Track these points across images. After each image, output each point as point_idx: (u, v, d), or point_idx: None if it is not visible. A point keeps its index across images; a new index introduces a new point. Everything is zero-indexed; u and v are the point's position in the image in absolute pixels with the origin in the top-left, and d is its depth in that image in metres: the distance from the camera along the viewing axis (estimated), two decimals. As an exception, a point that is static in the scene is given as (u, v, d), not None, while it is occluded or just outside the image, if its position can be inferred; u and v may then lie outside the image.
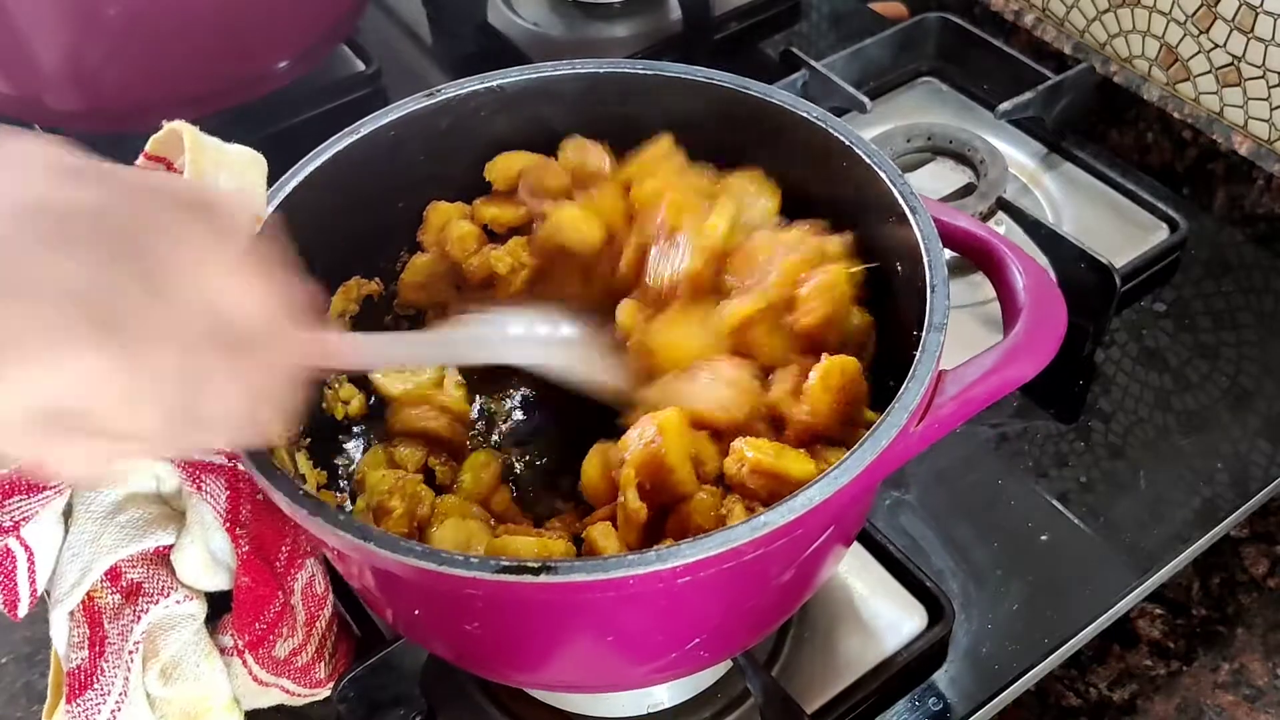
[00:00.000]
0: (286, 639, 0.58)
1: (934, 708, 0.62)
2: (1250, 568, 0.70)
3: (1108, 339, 0.79)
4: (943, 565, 0.67)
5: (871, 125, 0.93)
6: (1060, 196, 0.89)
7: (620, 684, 0.58)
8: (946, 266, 0.52)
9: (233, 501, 0.58)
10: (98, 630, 0.56)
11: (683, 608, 0.49)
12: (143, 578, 0.57)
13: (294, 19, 0.96)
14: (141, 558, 0.57)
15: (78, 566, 0.56)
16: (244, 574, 0.57)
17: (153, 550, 0.57)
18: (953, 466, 0.72)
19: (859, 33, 1.01)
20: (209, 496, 0.57)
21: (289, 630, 0.58)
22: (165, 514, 0.59)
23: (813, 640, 0.64)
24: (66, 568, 0.56)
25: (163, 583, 0.57)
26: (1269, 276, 0.82)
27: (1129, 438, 0.74)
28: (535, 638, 0.49)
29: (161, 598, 0.56)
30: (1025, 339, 0.51)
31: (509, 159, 0.63)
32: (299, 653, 0.59)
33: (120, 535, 0.57)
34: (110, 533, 0.57)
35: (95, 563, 0.56)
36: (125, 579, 0.56)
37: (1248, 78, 0.86)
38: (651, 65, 0.62)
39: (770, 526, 0.43)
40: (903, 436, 0.46)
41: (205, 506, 0.57)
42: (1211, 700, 0.64)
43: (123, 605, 0.56)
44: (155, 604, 0.56)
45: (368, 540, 0.44)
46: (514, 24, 1.10)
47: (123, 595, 0.56)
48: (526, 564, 0.42)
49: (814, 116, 0.59)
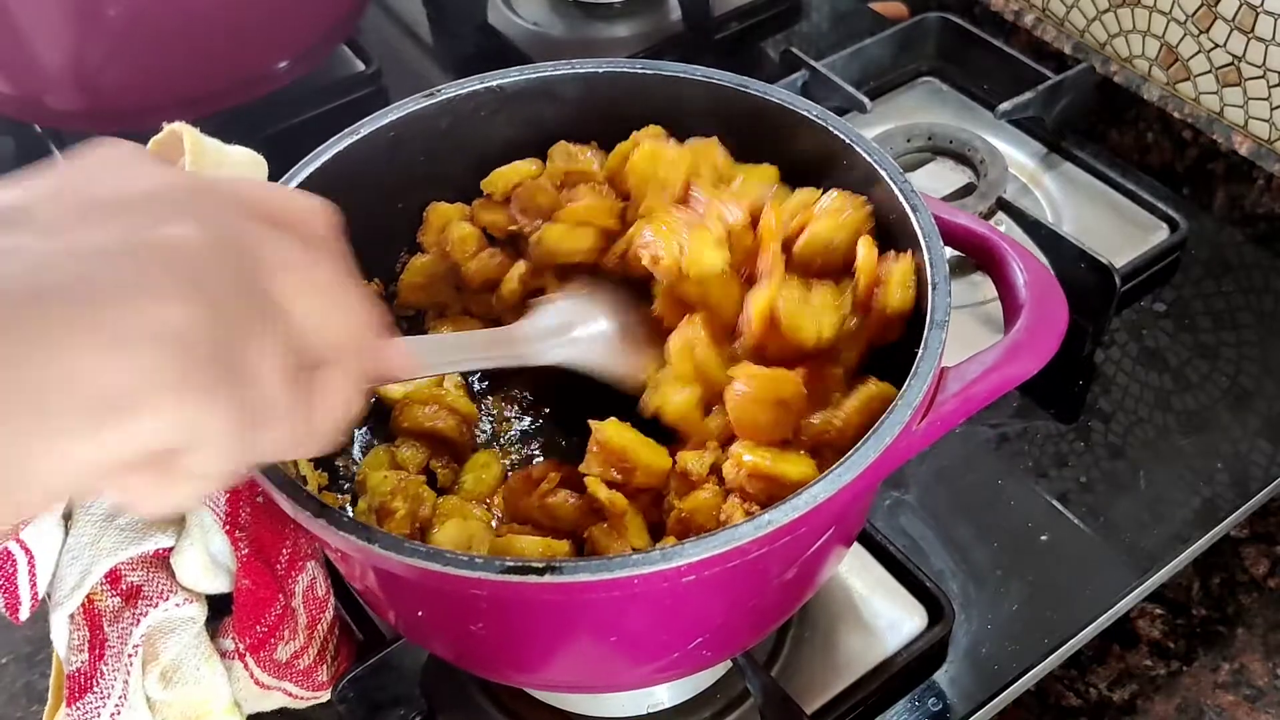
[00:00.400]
0: (288, 642, 0.58)
1: (934, 708, 0.62)
2: (1250, 568, 0.70)
3: (1108, 339, 0.79)
4: (943, 565, 0.67)
5: (871, 125, 0.93)
6: (1060, 196, 0.89)
7: (623, 684, 0.58)
8: (948, 265, 0.52)
9: (232, 505, 0.58)
10: (98, 633, 0.56)
11: (686, 607, 0.49)
12: (142, 580, 0.56)
13: (294, 19, 0.96)
14: (141, 560, 0.57)
15: (78, 569, 0.56)
16: (244, 576, 0.57)
17: (152, 553, 0.57)
18: (953, 466, 0.72)
19: (859, 33, 1.01)
20: (208, 500, 0.57)
21: (290, 633, 0.58)
22: (164, 517, 0.59)
23: (812, 640, 0.64)
24: (66, 570, 0.56)
25: (162, 585, 0.57)
26: (1269, 276, 0.82)
27: (1129, 438, 0.74)
28: (539, 638, 0.49)
29: (161, 600, 0.56)
30: (1026, 335, 0.51)
31: (505, 173, 0.63)
32: (301, 655, 0.59)
33: (120, 538, 0.57)
34: (110, 535, 0.57)
35: (95, 565, 0.56)
36: (125, 582, 0.56)
37: (1248, 77, 0.86)
38: (651, 65, 0.62)
39: (774, 525, 0.43)
40: (905, 434, 0.46)
41: (205, 509, 0.57)
42: (1211, 700, 0.64)
43: (122, 608, 0.56)
44: (154, 607, 0.56)
45: (372, 542, 0.44)
46: (514, 24, 1.10)
47: (122, 598, 0.56)
48: (531, 564, 0.42)
49: (814, 115, 0.59)
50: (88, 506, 0.57)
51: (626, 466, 0.53)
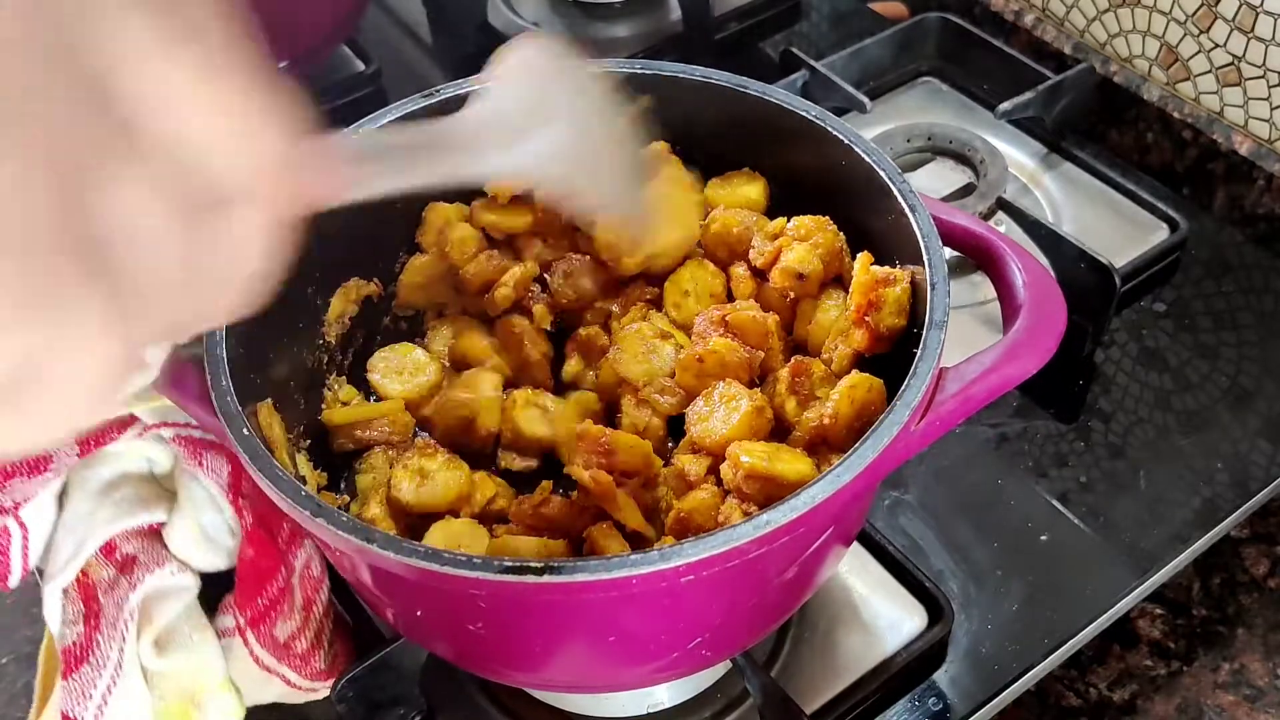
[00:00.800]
0: (287, 618, 0.58)
1: (934, 708, 0.62)
2: (1250, 568, 0.70)
3: (1108, 339, 0.79)
4: (942, 565, 0.67)
5: (871, 125, 0.93)
6: (1060, 196, 0.89)
7: (622, 684, 0.58)
8: (946, 265, 0.52)
9: (235, 475, 0.58)
10: (92, 604, 0.56)
11: (685, 607, 0.49)
12: (137, 550, 0.57)
13: (294, 19, 0.96)
14: (136, 532, 0.58)
15: (73, 541, 0.56)
16: (248, 546, 0.57)
17: (146, 526, 0.58)
18: (952, 466, 0.72)
19: (859, 33, 1.01)
20: (210, 471, 0.58)
21: (289, 609, 0.58)
22: (158, 493, 0.60)
23: (812, 640, 0.64)
24: (62, 543, 0.56)
25: (159, 554, 0.57)
26: (1269, 276, 0.82)
27: (1129, 438, 0.74)
28: (538, 638, 0.49)
29: (157, 568, 0.57)
30: (1025, 336, 0.51)
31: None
32: (298, 637, 0.59)
33: (115, 510, 0.57)
34: (105, 508, 0.57)
35: (91, 536, 0.56)
36: (120, 553, 0.57)
37: (1248, 77, 0.86)
38: (651, 65, 0.62)
39: (773, 525, 0.43)
40: (904, 434, 0.46)
41: (197, 485, 0.58)
42: (1211, 700, 0.64)
43: (118, 577, 0.56)
44: (150, 573, 0.56)
45: (370, 542, 0.44)
46: (514, 24, 1.10)
47: (117, 568, 0.57)
48: (530, 564, 0.42)
49: (813, 116, 0.59)
50: (84, 482, 0.57)
51: (606, 448, 0.54)
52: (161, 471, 0.60)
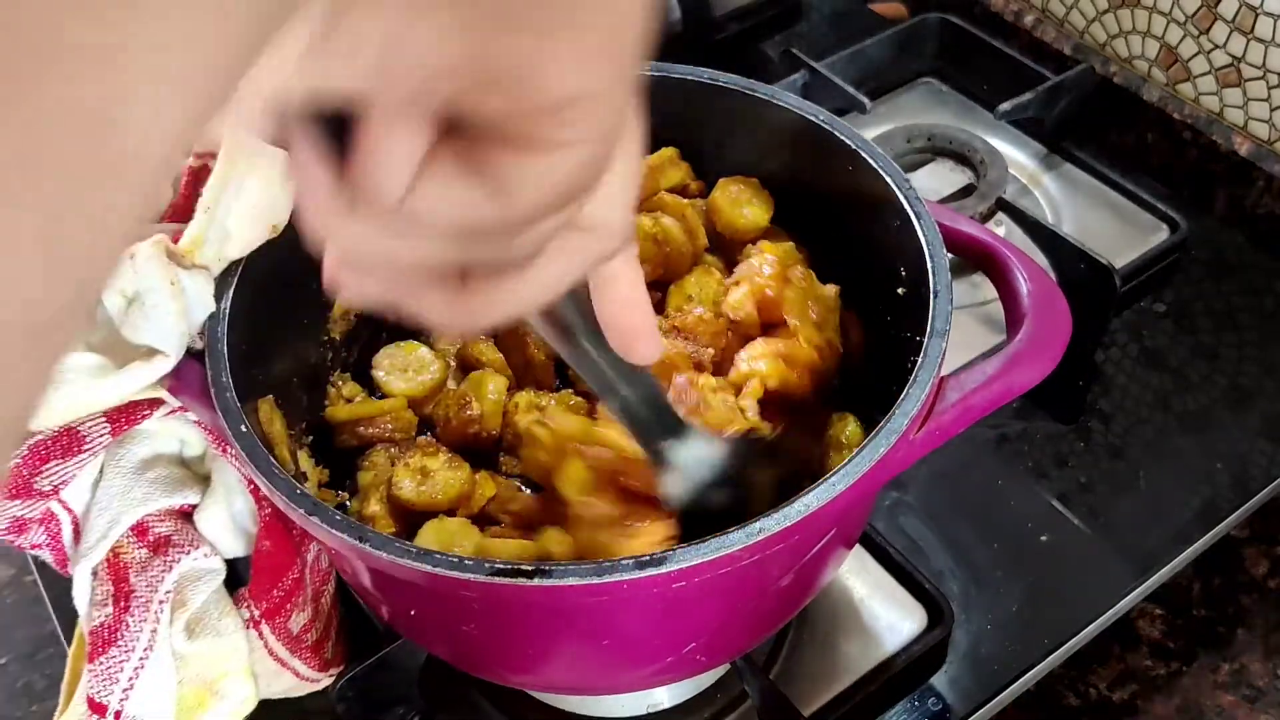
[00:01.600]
0: (301, 610, 0.58)
1: (934, 708, 0.62)
2: (1250, 568, 0.70)
3: (1108, 339, 0.79)
4: (942, 566, 0.67)
5: (871, 125, 0.93)
6: (1060, 197, 0.89)
7: (615, 687, 0.58)
8: (949, 271, 0.52)
9: None
10: (123, 585, 0.55)
11: (678, 612, 0.49)
12: (171, 531, 0.57)
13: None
14: (169, 513, 0.57)
15: (105, 519, 0.56)
16: (265, 538, 0.57)
17: (178, 508, 0.58)
18: (952, 467, 0.72)
19: (859, 33, 1.01)
20: (233, 459, 0.57)
21: (303, 601, 0.58)
22: (190, 475, 0.59)
23: (812, 642, 0.64)
24: (94, 522, 0.56)
25: (192, 535, 0.57)
26: (1269, 277, 0.82)
27: (1129, 438, 0.74)
28: (530, 640, 0.49)
29: (192, 549, 0.56)
30: (1028, 346, 0.51)
31: None
32: (310, 629, 0.59)
33: (150, 489, 0.57)
34: (140, 487, 0.57)
35: (124, 515, 0.55)
36: (153, 533, 0.56)
37: (1248, 78, 0.86)
38: (651, 66, 0.62)
39: (765, 533, 0.42)
40: (903, 443, 0.46)
41: (230, 470, 0.57)
42: (1211, 700, 0.64)
43: (151, 558, 0.56)
44: (185, 554, 0.56)
45: (363, 541, 0.44)
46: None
47: (150, 549, 0.56)
48: (520, 567, 0.42)
49: (821, 120, 0.58)
50: (118, 460, 0.57)
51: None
52: (192, 455, 0.60)
